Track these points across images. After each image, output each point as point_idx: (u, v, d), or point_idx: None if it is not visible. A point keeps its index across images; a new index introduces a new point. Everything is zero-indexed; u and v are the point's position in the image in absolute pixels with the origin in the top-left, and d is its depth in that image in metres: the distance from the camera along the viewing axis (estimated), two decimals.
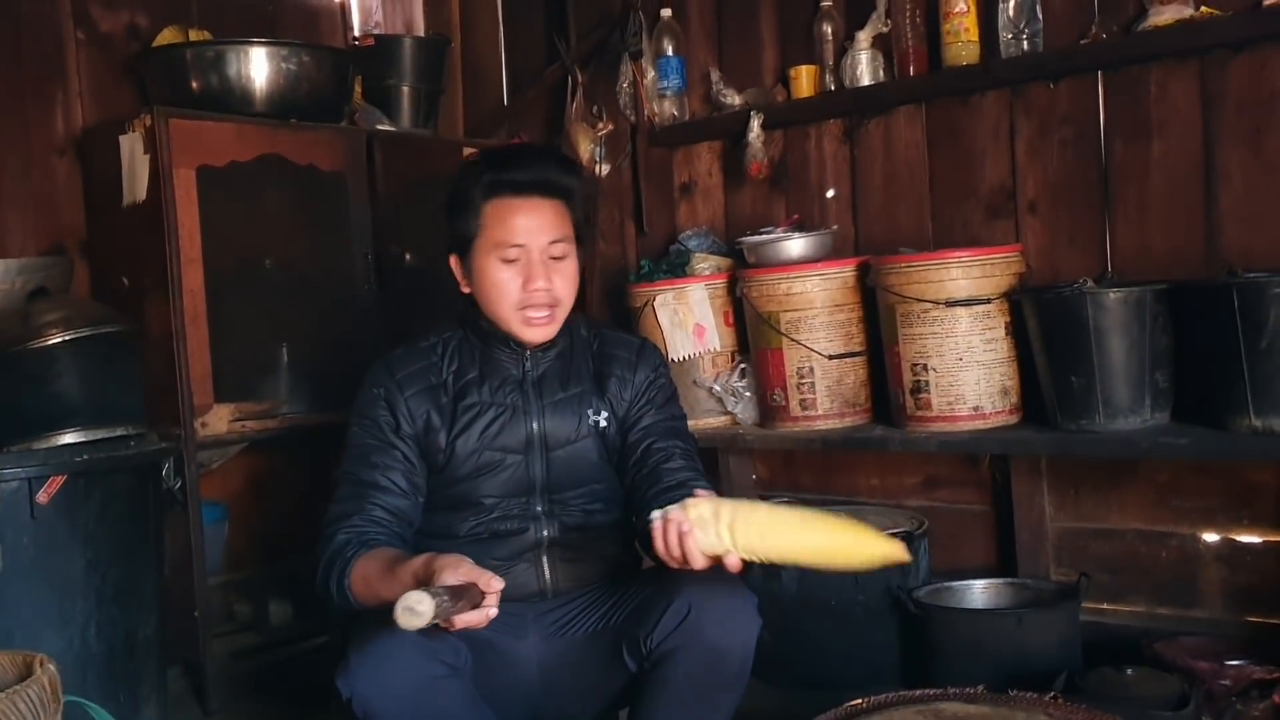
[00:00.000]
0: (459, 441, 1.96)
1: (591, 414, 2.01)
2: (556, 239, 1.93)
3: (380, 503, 1.89)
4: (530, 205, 1.92)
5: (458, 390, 1.99)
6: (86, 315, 2.52)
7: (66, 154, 3.11)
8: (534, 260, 1.91)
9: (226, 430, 2.86)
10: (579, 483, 2.01)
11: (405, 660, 1.67)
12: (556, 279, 1.93)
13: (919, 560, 2.70)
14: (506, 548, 1.97)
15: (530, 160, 1.98)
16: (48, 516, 2.32)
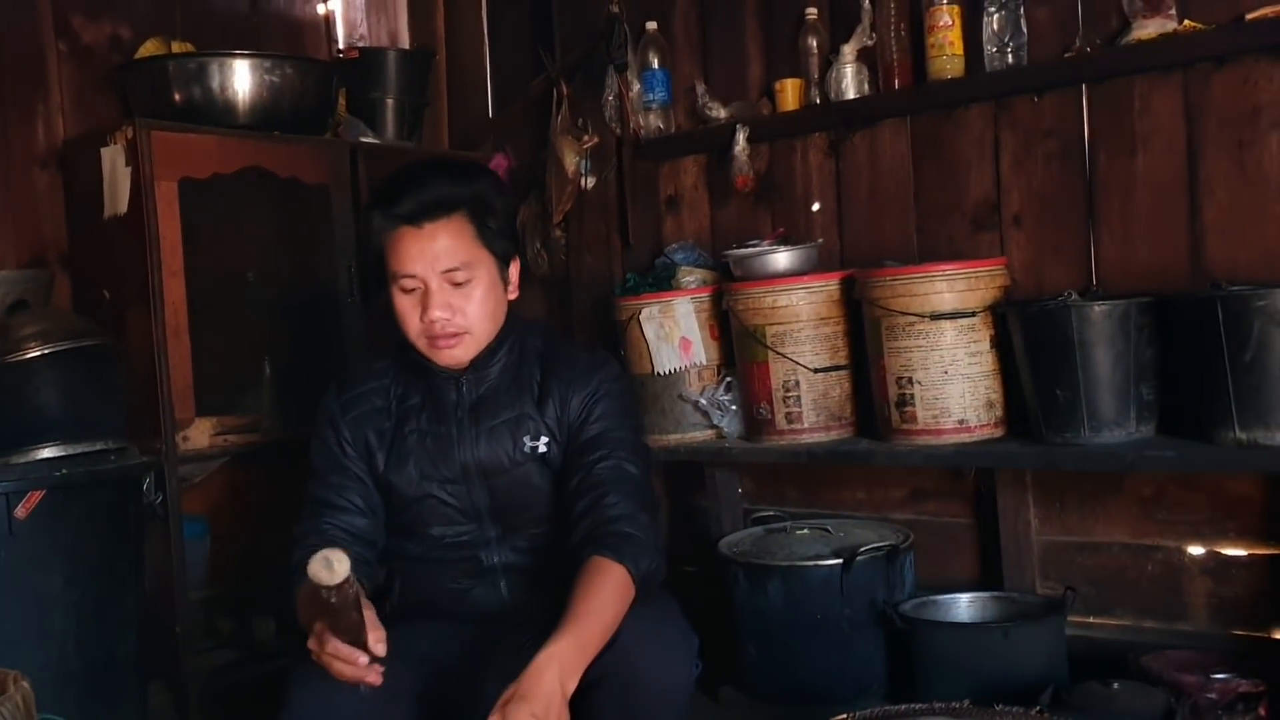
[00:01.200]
0: (396, 471, 1.93)
1: (529, 440, 1.92)
2: (452, 267, 1.82)
3: (336, 522, 1.89)
4: (420, 234, 1.82)
5: (399, 415, 1.95)
6: (66, 328, 2.50)
7: (48, 166, 3.09)
8: (431, 289, 1.83)
9: (208, 444, 2.84)
10: (525, 508, 1.95)
11: (346, 690, 1.63)
12: (462, 305, 1.85)
13: (904, 573, 2.69)
14: (462, 570, 1.95)
15: (416, 183, 1.85)
16: (26, 531, 2.31)
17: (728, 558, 2.76)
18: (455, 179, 1.87)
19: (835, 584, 2.60)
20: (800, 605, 2.63)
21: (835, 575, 2.60)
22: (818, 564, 2.63)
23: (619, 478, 1.86)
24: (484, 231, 1.86)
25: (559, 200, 3.31)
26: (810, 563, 2.64)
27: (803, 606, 2.63)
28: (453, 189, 1.85)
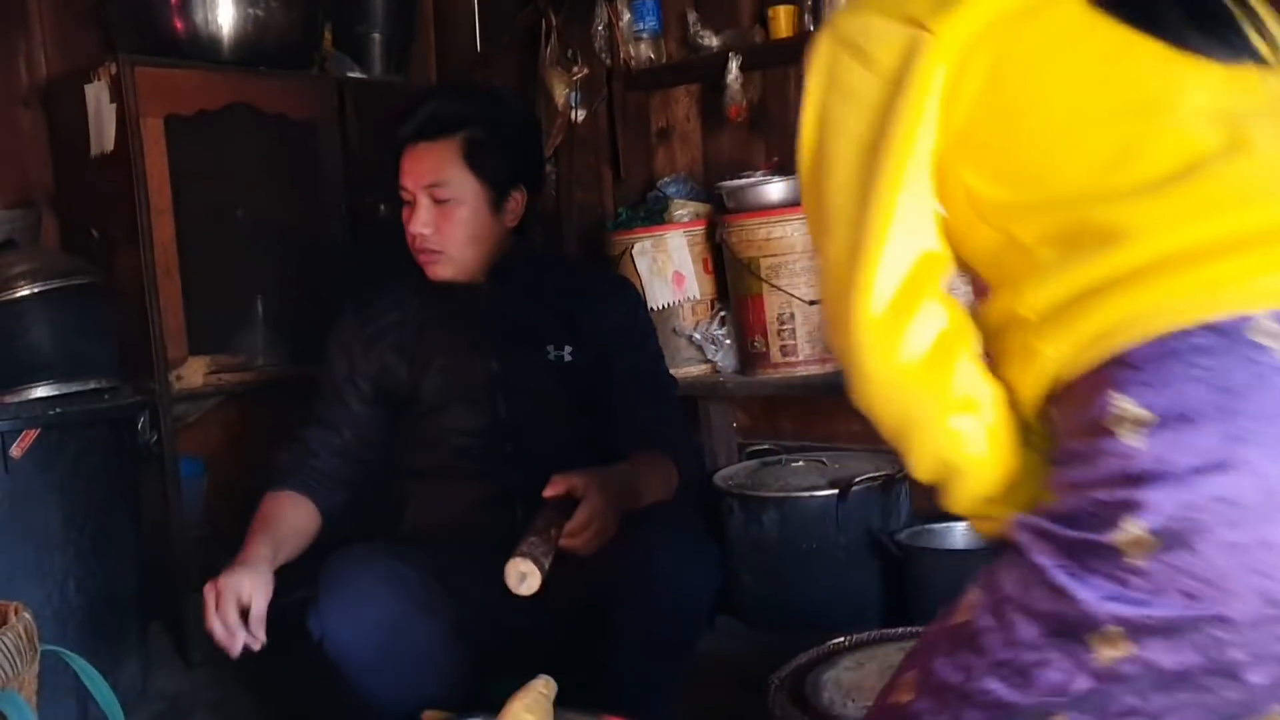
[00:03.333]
0: (423, 379, 1.97)
1: (553, 349, 1.98)
2: (432, 183, 1.90)
3: (324, 440, 2.00)
4: (415, 151, 1.93)
5: (419, 327, 2.00)
6: (56, 267, 2.48)
7: (31, 105, 3.05)
8: (418, 204, 1.92)
9: (202, 384, 2.83)
10: (544, 423, 1.97)
11: (377, 599, 1.67)
12: (442, 224, 1.92)
13: (900, 503, 2.70)
14: (479, 491, 1.96)
15: (423, 103, 1.95)
16: (22, 470, 2.30)
17: (723, 490, 2.77)
18: (458, 101, 1.95)
19: (831, 514, 2.61)
20: (796, 536, 2.65)
21: (831, 505, 2.61)
22: (813, 494, 2.64)
23: (665, 400, 2.03)
24: (475, 157, 1.90)
25: (548, 134, 3.28)
26: (805, 493, 2.65)
27: (798, 537, 2.65)
28: (448, 111, 1.92)
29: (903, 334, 0.96)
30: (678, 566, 1.72)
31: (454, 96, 1.99)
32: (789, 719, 1.70)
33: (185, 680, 2.67)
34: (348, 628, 1.68)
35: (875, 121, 0.96)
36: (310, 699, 2.49)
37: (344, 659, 1.70)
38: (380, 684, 1.71)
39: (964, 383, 0.98)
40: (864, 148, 0.96)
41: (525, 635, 1.88)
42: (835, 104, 1.00)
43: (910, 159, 0.95)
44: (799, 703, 1.76)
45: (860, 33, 1.00)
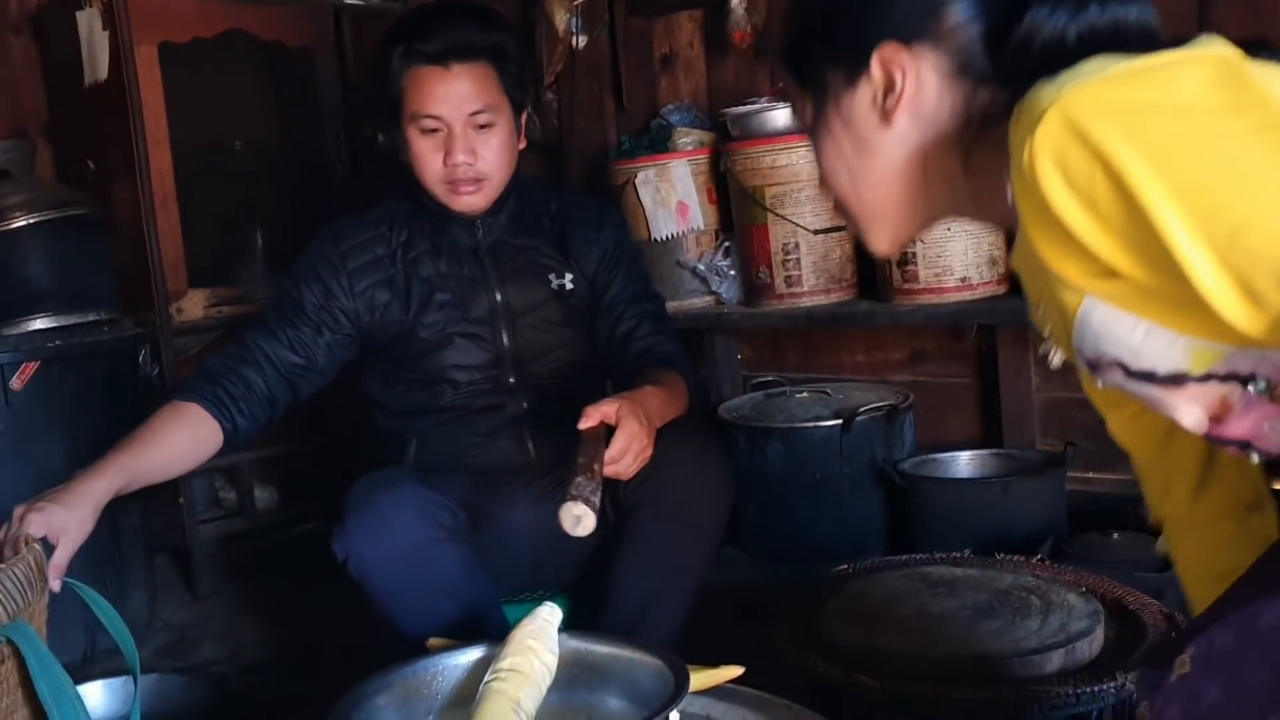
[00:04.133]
0: (421, 316, 1.91)
1: (554, 278, 1.97)
2: (478, 109, 1.84)
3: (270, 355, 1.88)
4: (448, 74, 1.83)
5: (409, 262, 1.93)
6: (52, 198, 2.45)
7: (22, 33, 3.00)
8: (455, 133, 1.85)
9: (202, 316, 2.82)
10: (547, 350, 1.97)
11: (402, 522, 1.67)
12: (483, 150, 1.86)
13: (904, 433, 2.70)
14: (486, 424, 1.95)
15: (447, 23, 1.85)
16: (23, 403, 2.29)
17: (727, 422, 2.76)
18: (482, 24, 1.87)
19: (835, 444, 2.60)
20: (800, 466, 2.64)
21: (835, 436, 2.60)
22: (817, 425, 2.63)
23: (660, 317, 2.03)
24: (505, 78, 1.87)
25: (549, 61, 3.22)
26: (810, 424, 2.64)
27: (803, 467, 2.64)
28: (480, 33, 1.85)
29: None
30: (692, 479, 1.73)
31: (479, 15, 1.89)
32: (794, 647, 1.70)
33: (192, 611, 2.69)
34: (372, 550, 1.68)
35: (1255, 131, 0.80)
36: (318, 630, 2.51)
37: (368, 581, 1.71)
38: (403, 606, 1.71)
39: None
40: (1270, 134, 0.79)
41: (546, 562, 1.89)
42: (1175, 137, 0.81)
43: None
44: (805, 630, 1.76)
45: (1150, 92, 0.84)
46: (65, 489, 1.59)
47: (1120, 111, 0.82)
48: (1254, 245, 0.76)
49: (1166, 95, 0.82)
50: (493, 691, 1.23)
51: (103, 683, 1.90)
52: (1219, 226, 0.77)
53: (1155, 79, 0.83)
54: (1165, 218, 0.78)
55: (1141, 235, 0.80)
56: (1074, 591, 1.77)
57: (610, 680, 1.33)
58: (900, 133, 1.00)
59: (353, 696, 1.26)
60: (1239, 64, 0.84)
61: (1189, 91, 0.82)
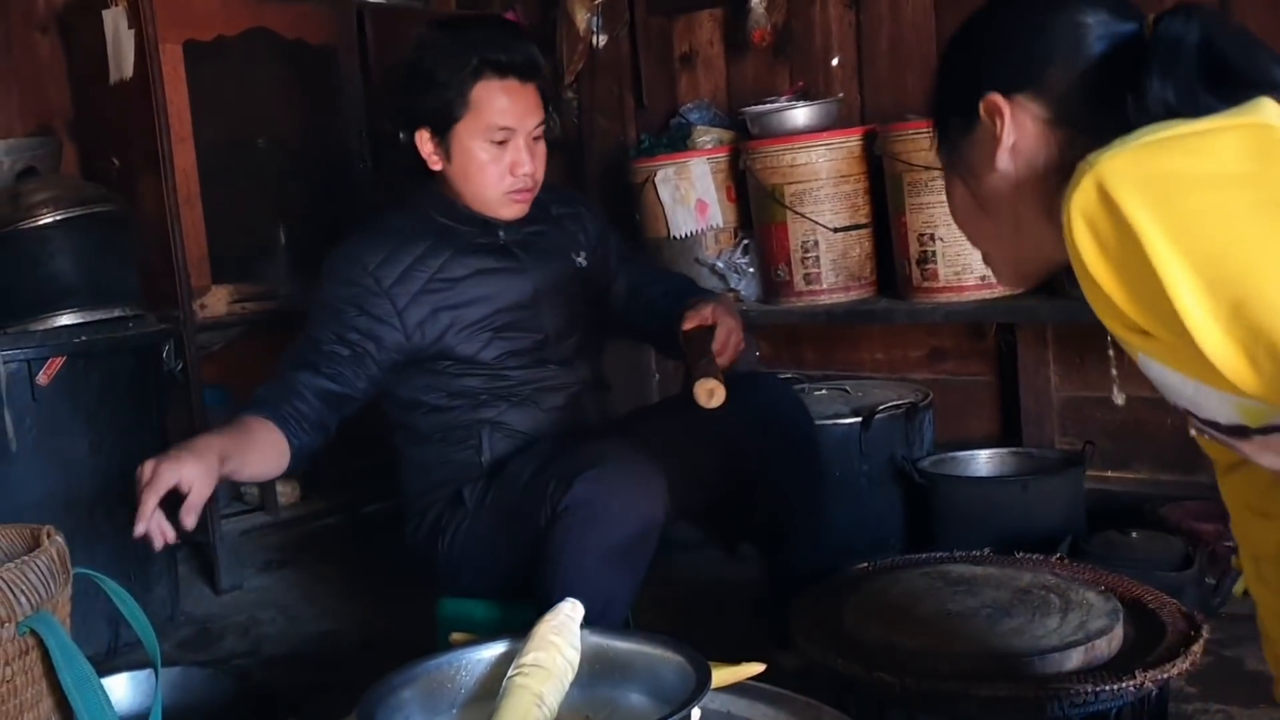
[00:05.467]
0: (467, 316, 1.94)
1: (575, 258, 2.09)
2: (540, 121, 1.95)
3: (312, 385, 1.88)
4: (519, 88, 1.91)
5: (439, 268, 1.95)
6: (77, 194, 2.47)
7: (49, 31, 3.02)
8: (520, 144, 1.92)
9: (226, 312, 2.84)
10: (574, 323, 2.06)
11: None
12: (538, 160, 1.96)
13: (923, 431, 2.70)
14: (548, 400, 2.01)
15: (513, 40, 1.94)
16: (49, 397, 2.32)
17: None
18: (536, 46, 1.99)
19: (854, 442, 2.60)
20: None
21: (854, 433, 2.60)
22: (836, 422, 2.63)
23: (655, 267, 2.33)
24: (547, 97, 1.99)
25: (570, 60, 3.23)
26: (829, 421, 2.64)
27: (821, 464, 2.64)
28: (540, 55, 1.97)
29: None
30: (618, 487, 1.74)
31: (525, 33, 2.08)
32: (814, 645, 1.71)
33: (214, 604, 2.71)
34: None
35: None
36: (339, 624, 2.53)
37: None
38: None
39: None
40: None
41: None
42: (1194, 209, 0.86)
43: None
44: (824, 627, 1.77)
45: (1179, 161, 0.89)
46: (188, 445, 1.71)
47: (1148, 181, 0.87)
48: (1254, 318, 0.82)
49: (1194, 164, 0.87)
50: (516, 686, 1.24)
51: (126, 675, 1.92)
52: (1225, 297, 0.83)
53: (1188, 147, 0.89)
54: (1177, 287, 0.84)
55: (1160, 299, 0.85)
56: (1093, 590, 1.77)
57: (632, 676, 1.33)
58: (1003, 174, 1.09)
59: (378, 690, 1.27)
60: (1274, 133, 0.88)
61: (1217, 161, 0.87)
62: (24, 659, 1.30)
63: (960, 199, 1.17)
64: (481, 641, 1.40)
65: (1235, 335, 0.83)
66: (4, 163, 2.63)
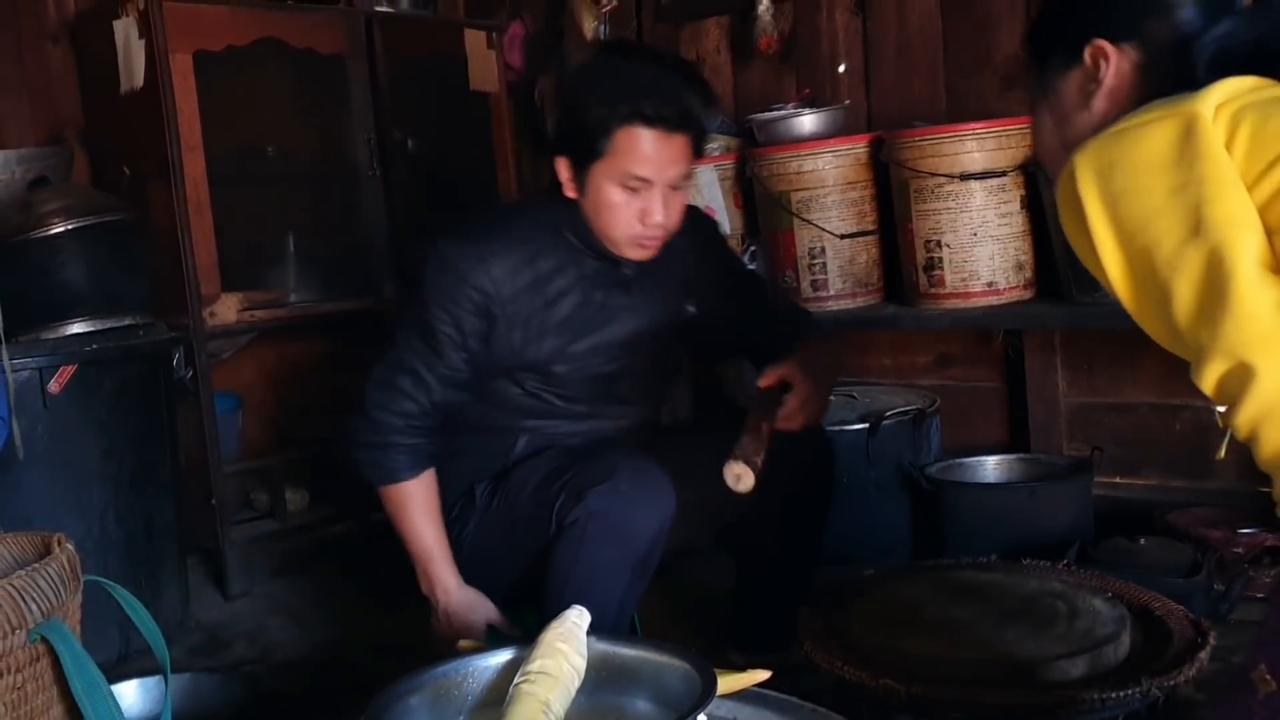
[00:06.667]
0: (566, 344, 1.91)
1: (687, 303, 2.02)
2: (680, 174, 1.83)
3: (432, 401, 1.88)
4: (664, 139, 1.78)
5: (557, 291, 1.90)
6: (88, 204, 2.49)
7: (60, 41, 3.04)
8: (655, 195, 1.81)
9: (235, 319, 2.85)
10: (652, 372, 2.04)
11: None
12: (673, 210, 1.84)
13: (930, 438, 2.70)
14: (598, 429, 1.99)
15: (674, 90, 1.80)
16: (60, 405, 2.33)
17: None
18: (701, 94, 1.84)
19: (861, 448, 2.61)
20: None
21: (861, 439, 2.61)
22: (843, 429, 2.64)
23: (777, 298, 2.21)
24: (699, 147, 1.87)
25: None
26: (836, 427, 2.65)
27: None
28: (702, 108, 1.84)
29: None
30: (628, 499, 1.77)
31: (697, 84, 1.86)
32: (821, 651, 1.71)
33: (224, 611, 2.72)
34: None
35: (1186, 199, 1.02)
36: (348, 630, 2.54)
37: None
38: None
39: None
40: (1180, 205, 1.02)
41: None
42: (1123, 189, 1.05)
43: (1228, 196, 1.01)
44: (830, 633, 1.77)
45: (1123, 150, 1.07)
46: (441, 594, 1.93)
47: (1099, 168, 1.07)
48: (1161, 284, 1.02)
49: (1131, 154, 1.05)
50: (522, 693, 1.24)
51: (137, 682, 1.93)
52: (1140, 265, 1.04)
53: (1135, 137, 1.06)
54: (1105, 255, 1.06)
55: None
56: (1100, 597, 1.78)
57: (638, 683, 1.34)
58: (1094, 113, 1.20)
59: (385, 697, 1.28)
60: (1201, 123, 1.03)
61: (1149, 151, 1.04)
62: (35, 666, 1.31)
63: (1047, 134, 1.28)
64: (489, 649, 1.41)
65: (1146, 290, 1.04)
66: (16, 172, 2.65)
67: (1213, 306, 1.00)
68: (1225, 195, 1.01)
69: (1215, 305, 0.99)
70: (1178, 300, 1.02)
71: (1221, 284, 0.99)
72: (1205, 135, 1.03)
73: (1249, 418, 0.99)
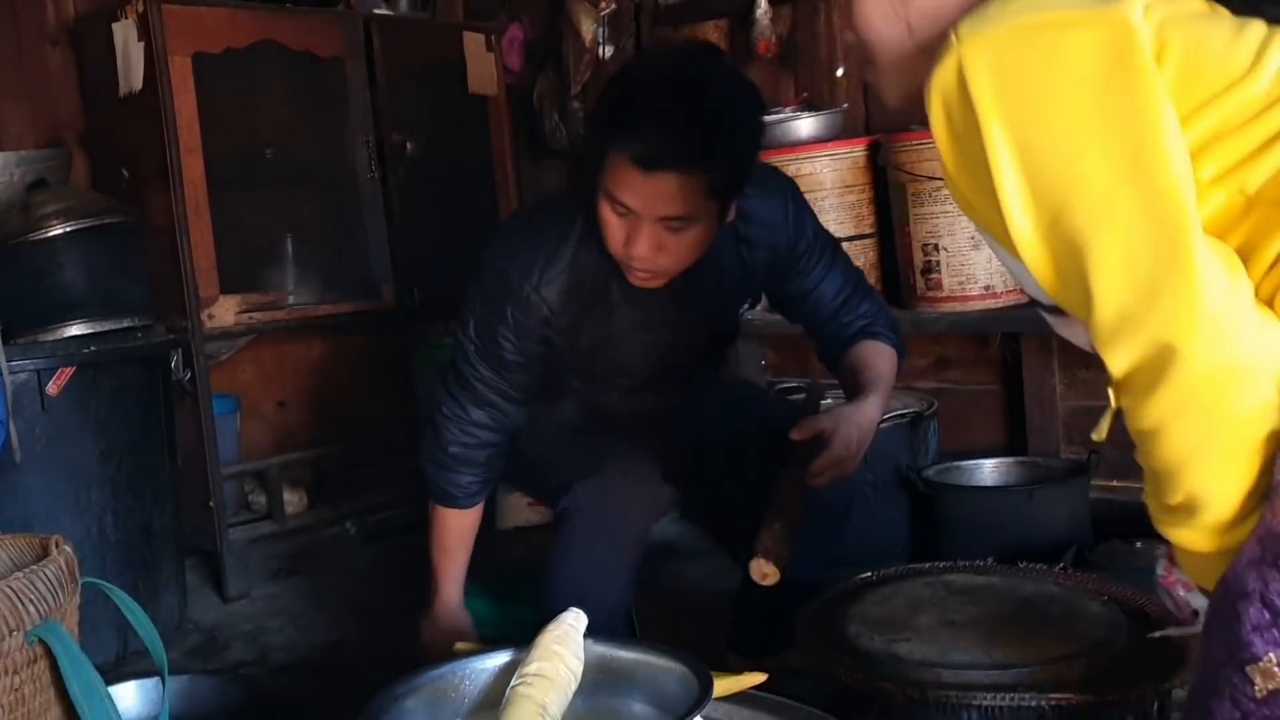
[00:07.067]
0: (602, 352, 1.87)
1: (740, 308, 1.99)
2: (669, 215, 1.63)
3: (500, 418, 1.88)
4: (648, 178, 1.60)
5: (598, 296, 1.81)
6: (87, 206, 2.50)
7: (59, 44, 3.05)
8: (641, 226, 1.64)
9: (234, 322, 2.85)
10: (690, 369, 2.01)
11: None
12: (671, 246, 1.66)
13: (928, 440, 2.70)
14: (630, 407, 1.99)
15: (663, 124, 1.58)
16: (58, 408, 2.33)
17: None
18: (707, 128, 1.59)
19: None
20: None
21: None
22: None
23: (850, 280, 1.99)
24: (716, 184, 1.63)
25: (577, 70, 3.25)
26: None
27: None
28: (698, 141, 1.58)
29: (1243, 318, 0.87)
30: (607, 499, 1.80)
31: (701, 118, 1.59)
32: (817, 652, 1.71)
33: (221, 613, 2.72)
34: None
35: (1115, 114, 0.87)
36: (346, 632, 2.54)
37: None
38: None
39: None
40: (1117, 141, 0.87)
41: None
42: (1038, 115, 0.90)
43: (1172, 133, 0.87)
44: (827, 636, 1.77)
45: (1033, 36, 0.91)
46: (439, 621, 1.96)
47: (1003, 79, 0.91)
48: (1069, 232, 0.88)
49: (1048, 69, 0.90)
50: (519, 696, 1.25)
51: (135, 683, 1.93)
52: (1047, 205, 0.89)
53: (1048, 44, 0.90)
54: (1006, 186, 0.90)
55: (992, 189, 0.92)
56: (1096, 600, 1.77)
57: (635, 686, 1.34)
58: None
59: (381, 699, 1.28)
60: (1134, 37, 0.88)
61: (1070, 68, 0.89)
62: (32, 668, 1.32)
63: (879, 14, 1.10)
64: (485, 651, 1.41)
65: (1049, 242, 0.90)
66: (15, 174, 2.65)
67: (1155, 272, 0.86)
68: (1170, 137, 0.86)
69: (1159, 272, 0.86)
70: (1100, 257, 0.87)
71: (1171, 248, 0.85)
72: (1139, 54, 0.88)
73: (1164, 407, 0.89)
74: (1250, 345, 0.87)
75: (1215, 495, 0.93)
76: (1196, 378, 0.86)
